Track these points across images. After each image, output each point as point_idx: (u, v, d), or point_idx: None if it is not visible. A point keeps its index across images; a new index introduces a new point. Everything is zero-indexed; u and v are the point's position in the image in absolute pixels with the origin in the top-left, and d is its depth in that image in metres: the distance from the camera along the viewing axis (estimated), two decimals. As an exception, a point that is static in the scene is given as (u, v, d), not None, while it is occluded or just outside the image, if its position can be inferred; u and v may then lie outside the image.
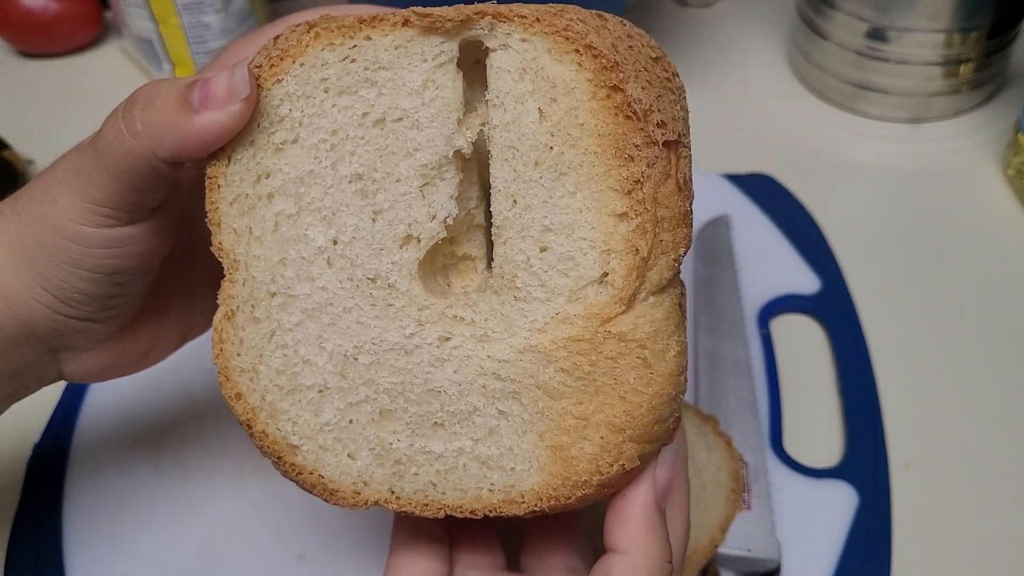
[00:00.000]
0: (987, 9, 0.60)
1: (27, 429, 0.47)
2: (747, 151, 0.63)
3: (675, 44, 0.74)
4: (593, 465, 0.29)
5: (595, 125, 0.28)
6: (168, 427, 0.47)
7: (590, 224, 0.29)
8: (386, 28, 0.30)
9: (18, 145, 0.63)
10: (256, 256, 0.31)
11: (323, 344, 0.30)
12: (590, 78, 0.28)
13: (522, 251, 0.29)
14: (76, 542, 0.43)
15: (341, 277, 0.30)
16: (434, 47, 0.29)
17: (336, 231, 0.30)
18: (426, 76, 0.30)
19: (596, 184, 0.29)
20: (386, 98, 0.30)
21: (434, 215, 0.30)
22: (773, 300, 0.52)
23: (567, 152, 0.29)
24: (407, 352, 0.30)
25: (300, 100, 0.30)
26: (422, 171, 0.30)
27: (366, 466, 0.31)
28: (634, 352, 0.29)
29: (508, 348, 0.30)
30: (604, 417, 0.29)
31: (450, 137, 0.30)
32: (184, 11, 0.66)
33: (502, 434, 0.30)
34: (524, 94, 0.29)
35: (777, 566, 0.40)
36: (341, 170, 0.30)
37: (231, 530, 0.43)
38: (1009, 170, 0.59)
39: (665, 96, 0.29)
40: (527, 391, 0.29)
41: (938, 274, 0.54)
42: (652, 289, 0.29)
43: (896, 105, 0.65)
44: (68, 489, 0.45)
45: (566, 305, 0.29)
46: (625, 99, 0.28)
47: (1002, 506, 0.43)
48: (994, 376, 0.48)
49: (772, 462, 0.44)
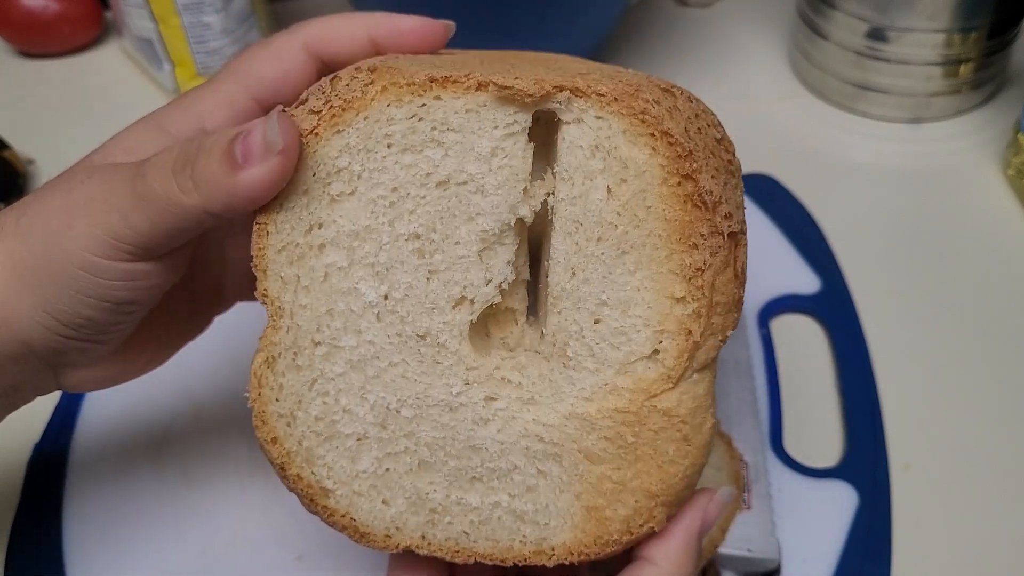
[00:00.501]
0: (987, 9, 0.60)
1: (27, 429, 0.47)
2: (747, 151, 0.63)
3: (675, 44, 0.74)
4: (624, 526, 0.30)
5: (663, 209, 0.29)
6: (169, 427, 0.47)
7: (647, 303, 0.29)
8: (458, 91, 0.29)
9: (18, 145, 0.63)
10: (302, 305, 0.30)
11: (365, 395, 0.30)
12: (663, 164, 0.29)
13: (576, 322, 0.30)
14: (76, 542, 0.43)
15: (390, 332, 0.30)
16: (507, 116, 0.29)
17: (388, 287, 0.30)
18: (496, 143, 0.29)
19: (657, 266, 0.29)
20: (452, 160, 0.30)
21: (490, 279, 0.30)
22: (773, 300, 0.52)
23: (631, 232, 0.29)
24: (451, 409, 0.30)
25: (361, 153, 0.30)
26: (483, 236, 0.30)
27: (400, 513, 0.31)
28: (675, 426, 0.29)
29: (554, 413, 0.30)
30: (640, 484, 0.30)
31: (514, 206, 0.30)
32: (184, 11, 0.66)
33: (539, 492, 0.30)
34: (594, 171, 0.29)
35: (777, 566, 0.40)
36: (399, 228, 0.30)
37: (231, 531, 0.43)
38: (1009, 170, 0.59)
39: (729, 182, 0.30)
40: (568, 454, 0.30)
41: (938, 274, 0.54)
42: (697, 367, 0.30)
43: (896, 105, 0.65)
44: (68, 489, 0.45)
45: (615, 377, 0.30)
46: (696, 189, 0.29)
47: (1002, 506, 0.43)
48: (994, 376, 0.48)
49: (772, 462, 0.44)
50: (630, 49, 0.73)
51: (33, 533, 0.43)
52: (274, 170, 0.28)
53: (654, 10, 0.77)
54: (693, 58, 0.73)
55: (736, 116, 0.67)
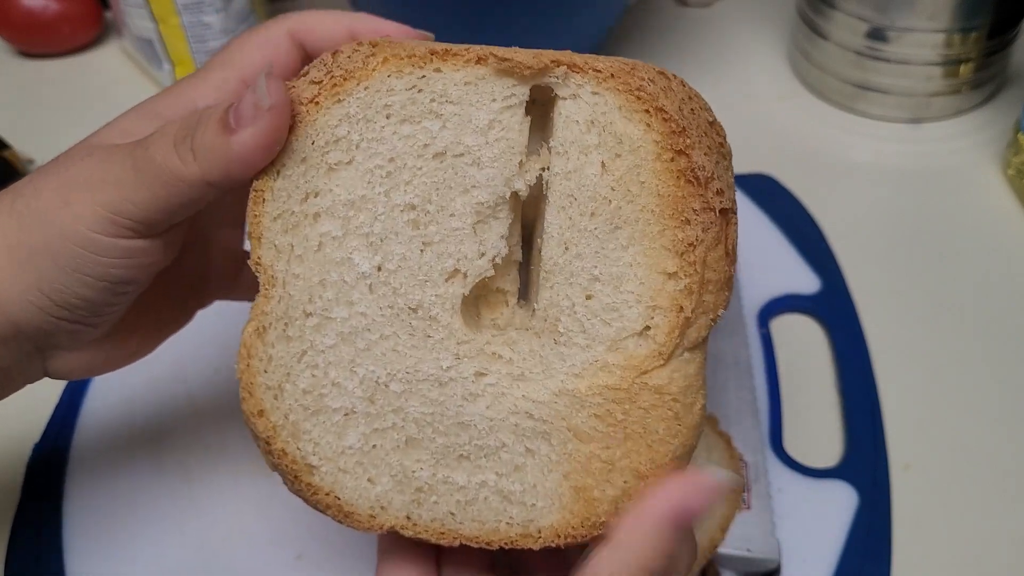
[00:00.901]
0: (987, 9, 0.60)
1: (27, 429, 0.47)
2: (747, 151, 0.63)
3: (675, 44, 0.74)
4: (613, 507, 0.30)
5: (656, 185, 0.29)
6: (168, 427, 0.47)
7: (639, 279, 0.30)
8: (458, 63, 0.30)
9: (18, 145, 0.63)
10: (295, 274, 0.30)
11: (355, 368, 0.30)
12: (657, 140, 0.29)
13: (568, 297, 0.30)
14: (76, 542, 0.43)
15: (382, 304, 0.30)
16: (505, 89, 0.30)
17: (382, 258, 0.30)
18: (493, 116, 0.30)
19: (649, 241, 0.29)
20: (450, 132, 0.30)
21: (483, 253, 0.30)
22: (773, 300, 0.52)
23: (625, 207, 0.29)
24: (441, 384, 0.30)
25: (360, 123, 0.30)
26: (477, 208, 0.30)
27: (385, 491, 0.31)
28: (666, 404, 0.29)
29: (544, 390, 0.30)
30: (630, 463, 0.30)
31: (509, 179, 0.30)
32: (184, 11, 0.66)
33: (527, 471, 0.30)
34: (589, 146, 0.30)
35: (777, 566, 0.40)
36: (394, 198, 0.30)
37: (231, 531, 0.43)
38: (1009, 170, 0.59)
39: (721, 163, 0.30)
40: (557, 432, 0.30)
41: (938, 274, 0.54)
42: (688, 346, 0.30)
43: (896, 105, 0.65)
44: (68, 489, 0.45)
45: (606, 354, 0.30)
46: (690, 164, 0.29)
47: (1002, 506, 0.43)
48: (994, 376, 0.48)
49: (772, 462, 0.44)
50: (630, 49, 0.73)
51: (33, 532, 0.43)
52: (265, 129, 0.29)
53: (654, 10, 0.77)
54: (693, 58, 0.73)
55: (736, 116, 0.67)
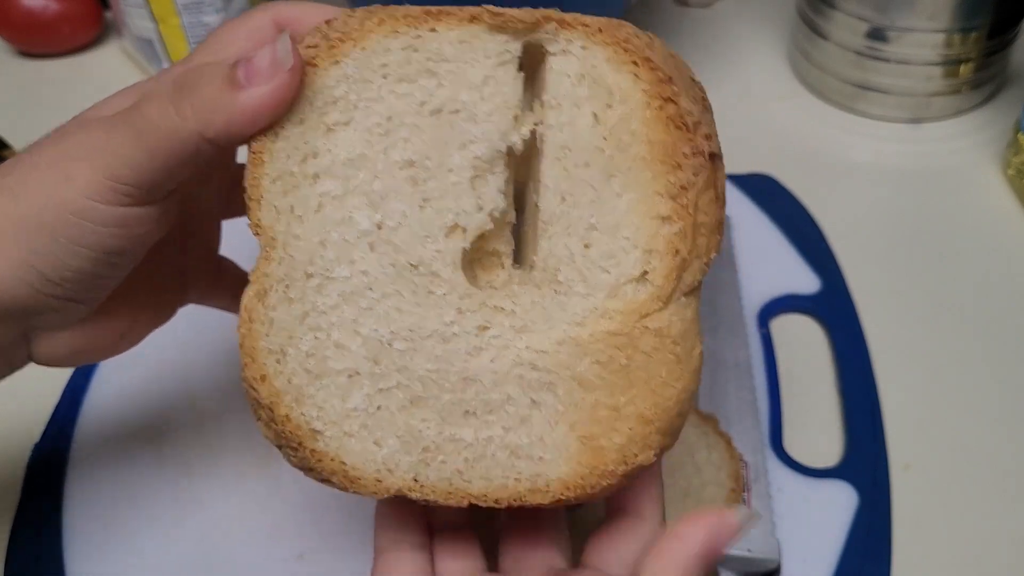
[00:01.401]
0: (987, 9, 0.60)
1: (27, 429, 0.47)
2: (747, 151, 0.63)
3: (675, 44, 0.73)
4: (620, 456, 0.30)
5: (647, 133, 0.30)
6: (169, 427, 0.47)
7: (635, 225, 0.30)
8: (452, 23, 0.30)
9: (18, 145, 0.63)
10: (296, 235, 0.30)
11: (358, 329, 0.30)
12: (646, 88, 0.30)
13: (566, 247, 0.30)
14: (76, 542, 0.43)
15: (383, 262, 0.30)
16: (499, 45, 0.31)
17: (382, 216, 0.30)
18: (487, 72, 0.30)
19: (643, 188, 0.30)
20: (446, 90, 0.30)
21: (482, 207, 0.31)
22: (773, 300, 0.52)
23: (617, 156, 0.30)
24: (445, 340, 0.30)
25: (357, 83, 0.30)
26: (474, 163, 0.31)
27: (392, 453, 0.30)
28: (668, 348, 0.30)
29: (546, 340, 0.30)
30: (635, 409, 0.30)
31: (505, 133, 0.31)
32: (184, 11, 0.66)
33: (533, 423, 0.30)
34: (581, 98, 0.30)
35: (777, 566, 0.40)
36: (393, 155, 0.30)
37: (232, 531, 0.43)
38: (1009, 170, 0.59)
39: (705, 114, 0.31)
40: (562, 382, 0.30)
41: (938, 274, 0.54)
42: (685, 290, 0.30)
43: (896, 105, 0.65)
44: (68, 489, 0.45)
45: (606, 300, 0.30)
46: (678, 110, 0.30)
47: (1002, 506, 0.43)
48: (994, 376, 0.48)
49: (772, 462, 0.44)
50: (630, 49, 0.73)
51: (33, 532, 0.43)
52: (280, 88, 0.29)
53: (654, 10, 0.77)
54: (693, 58, 0.72)
55: (736, 116, 0.67)
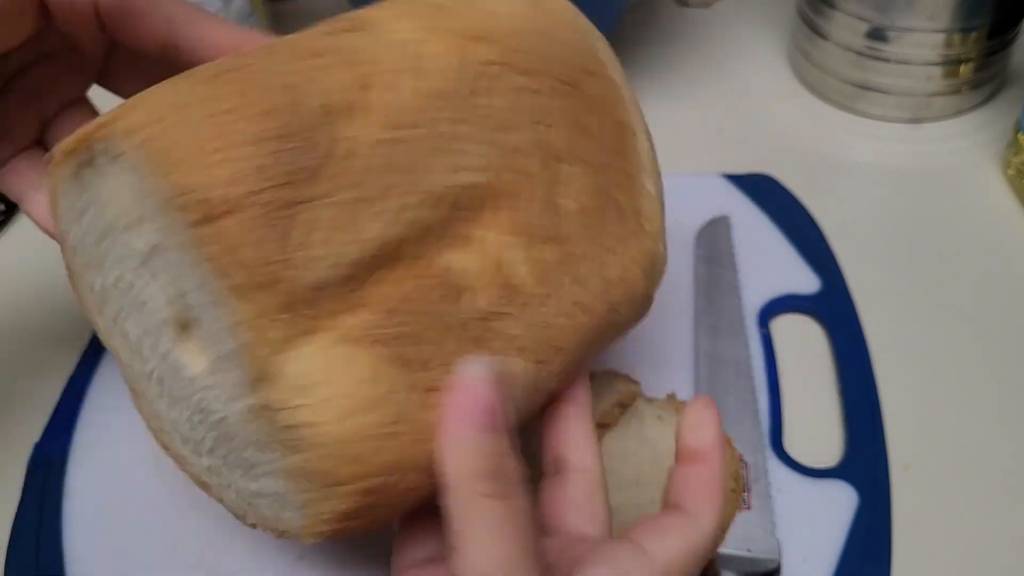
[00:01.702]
0: (987, 9, 0.60)
1: (27, 429, 0.47)
2: (747, 151, 0.63)
3: (675, 44, 0.74)
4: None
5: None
6: (168, 427, 0.47)
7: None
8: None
9: None
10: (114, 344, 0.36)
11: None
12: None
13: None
14: (76, 542, 0.43)
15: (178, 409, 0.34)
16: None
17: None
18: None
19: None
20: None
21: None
22: (773, 300, 0.52)
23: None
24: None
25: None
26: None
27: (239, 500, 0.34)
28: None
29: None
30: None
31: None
32: (184, 11, 0.66)
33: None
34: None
35: (777, 566, 0.40)
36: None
37: (232, 531, 0.43)
38: (1009, 170, 0.59)
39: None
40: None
41: (938, 274, 0.54)
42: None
43: (896, 105, 0.65)
44: (68, 488, 0.45)
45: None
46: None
47: (1002, 506, 0.43)
48: (994, 376, 0.48)
49: (772, 462, 0.44)
50: (630, 49, 0.73)
51: (33, 532, 0.43)
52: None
53: (654, 10, 0.77)
54: (693, 58, 0.73)
55: (736, 116, 0.67)
